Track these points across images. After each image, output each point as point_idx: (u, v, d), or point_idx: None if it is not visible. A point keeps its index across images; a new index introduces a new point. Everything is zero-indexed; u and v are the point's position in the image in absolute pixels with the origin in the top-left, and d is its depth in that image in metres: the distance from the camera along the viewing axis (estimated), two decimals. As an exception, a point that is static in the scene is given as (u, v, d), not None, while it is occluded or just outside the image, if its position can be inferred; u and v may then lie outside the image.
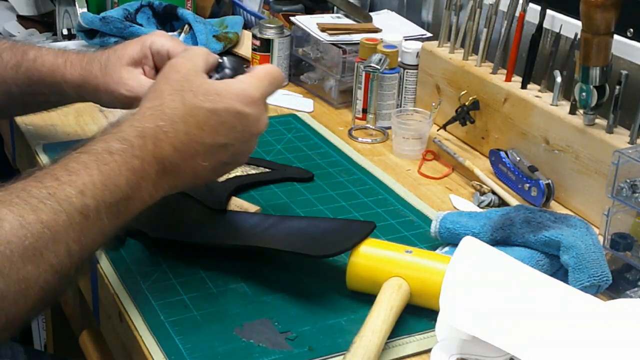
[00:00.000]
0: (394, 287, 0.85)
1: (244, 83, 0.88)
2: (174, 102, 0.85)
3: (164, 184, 0.84)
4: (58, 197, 0.74)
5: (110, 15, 1.53)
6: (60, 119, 1.30)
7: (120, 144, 0.81)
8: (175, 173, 0.84)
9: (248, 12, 1.72)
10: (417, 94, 1.36)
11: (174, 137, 0.83)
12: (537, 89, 1.18)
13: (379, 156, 1.26)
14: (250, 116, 0.87)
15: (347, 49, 1.40)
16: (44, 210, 0.72)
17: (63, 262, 0.73)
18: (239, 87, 0.87)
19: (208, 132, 0.85)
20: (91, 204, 0.76)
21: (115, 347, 0.94)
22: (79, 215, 0.74)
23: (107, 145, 0.80)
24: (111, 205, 0.78)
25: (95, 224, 0.76)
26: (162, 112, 0.84)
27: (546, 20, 1.18)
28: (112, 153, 0.79)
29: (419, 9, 1.61)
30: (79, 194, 0.75)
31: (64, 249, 0.73)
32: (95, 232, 0.76)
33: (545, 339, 0.77)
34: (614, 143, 1.03)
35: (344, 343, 0.82)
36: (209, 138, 0.85)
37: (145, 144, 0.82)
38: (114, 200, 0.78)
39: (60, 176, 0.76)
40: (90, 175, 0.77)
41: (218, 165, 0.88)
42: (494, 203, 1.12)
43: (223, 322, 0.85)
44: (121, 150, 0.80)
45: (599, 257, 0.90)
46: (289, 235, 0.95)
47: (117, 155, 0.79)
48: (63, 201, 0.74)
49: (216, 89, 0.86)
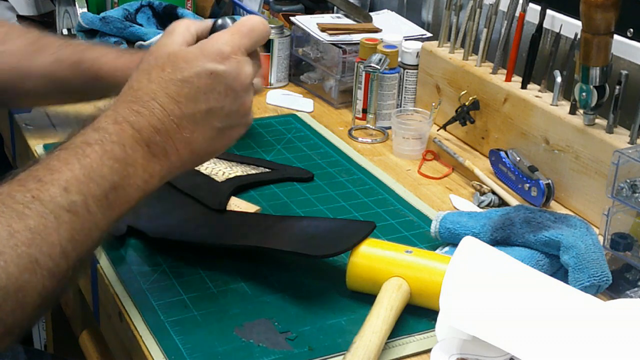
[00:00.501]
0: (394, 287, 0.85)
1: (212, 41, 0.83)
2: (141, 82, 0.82)
3: (155, 167, 0.81)
4: (42, 199, 0.72)
5: (110, 15, 1.53)
6: (60, 119, 1.30)
7: (97, 133, 0.78)
8: (165, 153, 0.81)
9: (248, 12, 1.72)
10: (417, 94, 1.36)
11: (150, 116, 0.80)
12: (537, 89, 1.18)
13: (379, 156, 1.26)
14: (226, 72, 0.82)
15: (347, 49, 1.40)
16: (30, 216, 0.70)
17: (60, 264, 0.72)
18: (208, 46, 0.82)
19: (185, 102, 0.81)
20: (78, 199, 0.74)
21: (115, 347, 0.94)
22: (67, 214, 0.73)
23: (85, 137, 0.78)
24: (100, 198, 0.76)
25: (86, 220, 0.74)
26: (132, 94, 0.81)
27: (546, 20, 1.18)
28: (90, 144, 0.77)
29: (419, 9, 1.61)
30: (63, 192, 0.73)
31: (58, 251, 0.71)
32: (88, 228, 0.75)
33: (545, 339, 0.77)
34: (614, 143, 1.03)
35: (344, 343, 0.82)
36: (188, 108, 0.81)
37: (122, 129, 0.79)
38: (101, 192, 0.76)
39: (42, 177, 0.74)
40: (72, 171, 0.75)
41: (214, 133, 0.83)
42: (494, 203, 1.12)
43: (223, 322, 0.85)
44: (99, 139, 0.78)
45: (599, 257, 0.90)
46: (289, 235, 0.95)
47: (96, 145, 0.77)
48: (48, 202, 0.72)
49: (185, 55, 0.82)
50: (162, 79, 0.81)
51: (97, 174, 0.76)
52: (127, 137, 0.79)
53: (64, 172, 0.75)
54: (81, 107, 1.34)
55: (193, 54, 0.82)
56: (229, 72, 0.82)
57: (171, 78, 0.81)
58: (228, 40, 0.83)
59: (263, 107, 1.40)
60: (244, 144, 1.25)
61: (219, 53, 0.82)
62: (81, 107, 1.34)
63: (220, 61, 0.82)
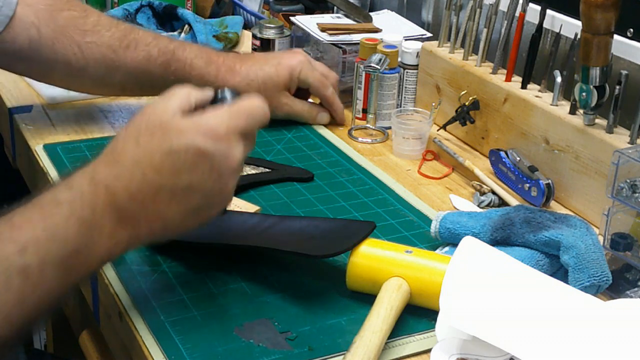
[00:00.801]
0: (394, 287, 0.85)
1: (209, 117, 0.79)
2: (127, 144, 0.78)
3: (122, 235, 0.77)
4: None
5: (110, 15, 1.53)
6: (60, 119, 1.30)
7: (69, 192, 0.75)
8: (135, 222, 0.77)
9: (248, 12, 1.72)
10: (417, 94, 1.36)
11: (129, 182, 0.76)
12: (537, 89, 1.18)
13: (379, 156, 1.26)
14: (215, 153, 0.78)
15: (347, 49, 1.40)
16: None
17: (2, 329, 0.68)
18: (203, 122, 0.78)
19: (167, 174, 0.77)
20: (33, 262, 0.70)
21: (115, 347, 0.94)
22: (19, 277, 0.69)
23: (55, 195, 0.75)
24: (58, 262, 0.72)
25: (39, 284, 0.70)
26: (116, 156, 0.78)
27: (546, 20, 1.18)
28: (59, 203, 0.74)
29: (419, 9, 1.61)
30: (19, 252, 0.69)
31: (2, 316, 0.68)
32: (39, 294, 0.71)
33: (545, 339, 0.77)
34: (614, 143, 1.03)
35: (344, 343, 0.82)
36: (169, 181, 0.77)
37: (96, 191, 0.75)
38: (61, 256, 0.72)
39: (2, 232, 0.70)
40: (34, 230, 0.71)
41: (189, 210, 0.80)
42: (494, 203, 1.12)
43: (223, 322, 0.85)
44: (69, 199, 0.74)
45: (599, 257, 0.90)
46: (289, 235, 0.95)
47: (65, 205, 0.74)
48: (2, 261, 0.68)
49: (178, 126, 0.78)
50: (149, 147, 0.77)
51: (59, 236, 0.72)
52: (99, 200, 0.75)
53: (26, 230, 0.71)
54: (83, 107, 1.35)
55: (186, 126, 0.78)
56: (218, 152, 0.78)
57: (159, 147, 0.77)
58: (224, 119, 0.79)
59: (263, 107, 1.40)
60: (244, 144, 1.25)
61: (211, 131, 0.78)
62: (82, 108, 1.34)
63: (212, 140, 0.78)
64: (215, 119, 0.79)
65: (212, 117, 0.79)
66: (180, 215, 0.79)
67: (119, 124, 1.29)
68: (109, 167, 0.77)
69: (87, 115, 1.33)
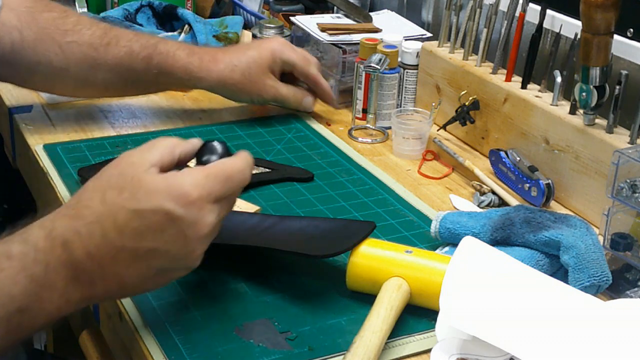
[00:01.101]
0: (394, 287, 0.85)
1: (184, 179, 0.75)
2: (92, 200, 0.74)
3: (75, 294, 0.73)
4: None
5: (110, 15, 1.53)
6: (60, 119, 1.30)
7: (23, 246, 0.71)
8: (90, 282, 0.73)
9: (248, 12, 1.72)
10: (417, 94, 1.36)
11: (88, 240, 0.72)
12: (537, 89, 1.18)
13: (379, 156, 1.26)
14: (185, 219, 0.74)
15: (347, 49, 1.40)
16: None
17: None
18: (177, 184, 0.74)
19: (129, 235, 0.73)
20: None
21: (115, 347, 0.94)
22: None
23: (8, 247, 0.71)
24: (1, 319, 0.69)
25: None
26: (79, 210, 0.74)
27: (546, 20, 1.18)
28: (10, 257, 0.70)
29: (419, 9, 1.61)
30: None
31: None
32: None
33: (545, 339, 0.77)
34: (614, 143, 1.03)
35: (344, 343, 0.82)
36: (131, 242, 0.73)
37: (52, 247, 0.72)
38: (4, 314, 0.69)
39: None
40: None
41: (150, 273, 0.76)
42: (494, 203, 1.12)
43: (223, 322, 0.85)
44: (22, 253, 0.71)
45: (599, 257, 0.90)
46: (289, 235, 0.95)
47: (16, 259, 0.70)
48: None
49: (148, 185, 0.74)
50: (115, 204, 0.73)
51: (5, 293, 0.69)
52: (54, 257, 0.72)
53: None
54: (83, 107, 1.35)
55: (156, 186, 0.74)
56: (187, 218, 0.74)
57: (124, 205, 0.73)
58: (199, 182, 0.75)
59: (263, 107, 1.40)
60: (244, 144, 1.25)
61: (183, 195, 0.74)
62: (82, 108, 1.34)
63: (182, 204, 0.73)
64: (190, 182, 0.75)
65: (187, 179, 0.75)
66: (139, 278, 0.76)
67: (119, 124, 1.29)
68: (69, 220, 0.74)
69: (87, 115, 1.33)
